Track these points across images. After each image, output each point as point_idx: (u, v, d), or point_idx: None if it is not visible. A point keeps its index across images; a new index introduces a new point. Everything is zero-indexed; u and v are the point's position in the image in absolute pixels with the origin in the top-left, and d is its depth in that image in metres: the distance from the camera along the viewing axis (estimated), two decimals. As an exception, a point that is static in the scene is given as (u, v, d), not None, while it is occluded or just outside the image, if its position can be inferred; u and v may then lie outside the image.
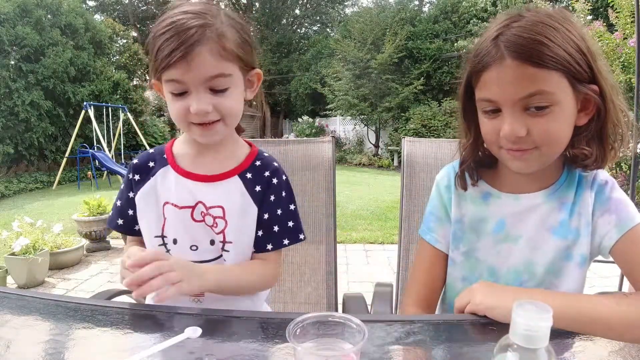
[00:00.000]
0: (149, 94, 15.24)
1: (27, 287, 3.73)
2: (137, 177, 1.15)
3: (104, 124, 11.28)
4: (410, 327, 0.84)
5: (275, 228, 1.15)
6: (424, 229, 1.17)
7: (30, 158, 10.68)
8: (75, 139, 10.21)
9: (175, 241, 1.11)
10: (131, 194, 1.15)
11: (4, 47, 9.71)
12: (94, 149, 10.14)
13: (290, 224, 1.17)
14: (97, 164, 9.75)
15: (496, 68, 0.89)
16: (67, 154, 10.10)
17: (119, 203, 1.18)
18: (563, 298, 0.90)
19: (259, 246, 1.15)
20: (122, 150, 11.82)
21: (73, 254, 4.38)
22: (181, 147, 1.17)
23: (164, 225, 1.11)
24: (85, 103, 10.21)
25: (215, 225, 1.10)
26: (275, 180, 1.16)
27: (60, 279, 4.07)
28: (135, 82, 15.08)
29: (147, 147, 11.27)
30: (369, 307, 1.35)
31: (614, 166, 6.31)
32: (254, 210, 1.13)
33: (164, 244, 1.12)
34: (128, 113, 11.60)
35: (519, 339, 0.52)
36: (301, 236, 1.19)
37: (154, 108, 16.05)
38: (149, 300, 1.17)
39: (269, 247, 1.15)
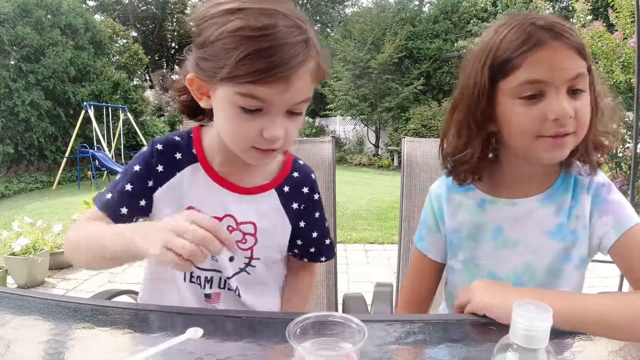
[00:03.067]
0: (149, 94, 15.25)
1: (27, 287, 3.72)
2: (160, 167, 1.00)
3: (104, 124, 11.27)
4: (410, 327, 0.84)
5: (312, 249, 1.14)
6: (417, 236, 1.19)
7: (30, 158, 10.67)
8: (75, 139, 10.21)
9: None
10: (150, 183, 1.01)
11: (4, 47, 9.70)
12: (94, 149, 10.14)
13: (327, 241, 1.16)
14: (97, 164, 9.75)
15: (547, 48, 0.88)
16: (67, 154, 10.09)
17: (129, 187, 0.99)
18: (563, 297, 0.90)
19: (295, 256, 1.15)
20: (122, 150, 11.80)
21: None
22: (211, 144, 1.02)
23: None
24: (85, 103, 10.21)
25: (244, 241, 1.03)
26: (316, 196, 1.11)
27: (60, 279, 4.07)
28: (135, 82, 15.09)
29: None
30: (369, 307, 1.35)
31: (614, 166, 6.31)
32: (287, 228, 1.07)
33: None
34: (128, 113, 11.61)
35: (518, 339, 0.52)
36: (333, 252, 1.20)
37: (154, 108, 16.06)
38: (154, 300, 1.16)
39: (305, 260, 1.15)
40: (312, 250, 1.13)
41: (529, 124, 0.92)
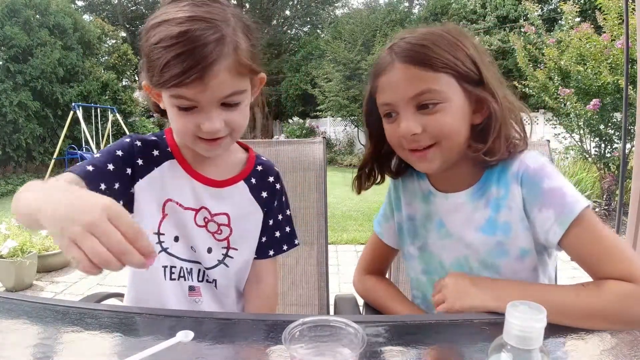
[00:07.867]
0: (138, 95, 15.13)
1: (15, 291, 3.68)
2: (140, 161, 1.05)
3: (93, 125, 11.17)
4: (401, 328, 0.84)
5: (277, 234, 1.17)
6: (376, 220, 1.30)
7: (18, 160, 10.55)
8: (63, 140, 10.10)
9: (177, 239, 1.07)
10: (129, 171, 1.03)
11: (-9, 47, 9.61)
12: (82, 150, 10.05)
13: (288, 229, 1.19)
14: (85, 165, 9.65)
15: (388, 72, 0.98)
16: (55, 156, 9.99)
17: (110, 167, 0.99)
18: (521, 288, 0.92)
19: (261, 252, 1.16)
20: (111, 152, 11.70)
21: (62, 257, 4.32)
22: (179, 142, 1.10)
23: (161, 221, 1.06)
24: (73, 104, 10.09)
25: (219, 232, 1.09)
26: (278, 186, 1.17)
27: (49, 281, 4.02)
28: (124, 83, 14.98)
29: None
30: (361, 308, 1.35)
31: (602, 167, 6.37)
32: (259, 215, 1.13)
33: (160, 242, 1.06)
34: (117, 114, 11.51)
35: (512, 340, 0.52)
36: (296, 241, 1.22)
37: (143, 109, 15.95)
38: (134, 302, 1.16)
39: (271, 252, 1.17)
40: (277, 234, 1.17)
41: (393, 139, 1.03)
